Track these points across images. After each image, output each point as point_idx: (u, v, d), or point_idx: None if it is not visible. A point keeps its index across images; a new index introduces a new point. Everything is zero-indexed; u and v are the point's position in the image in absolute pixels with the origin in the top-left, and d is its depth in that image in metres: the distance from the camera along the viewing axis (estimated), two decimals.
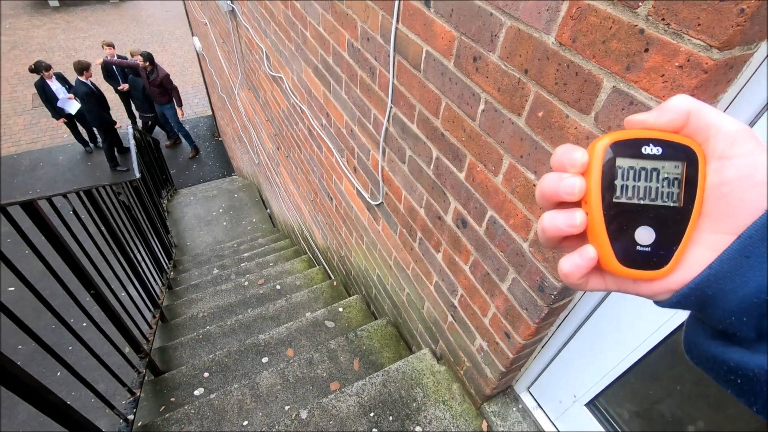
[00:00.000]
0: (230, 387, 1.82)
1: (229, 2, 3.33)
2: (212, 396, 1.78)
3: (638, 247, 0.30)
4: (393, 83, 1.37)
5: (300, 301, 2.62)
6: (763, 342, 0.26)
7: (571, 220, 0.30)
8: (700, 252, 0.29)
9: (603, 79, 0.71)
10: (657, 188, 0.30)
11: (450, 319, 1.50)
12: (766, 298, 0.25)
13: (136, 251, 2.57)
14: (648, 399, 1.20)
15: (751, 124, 0.68)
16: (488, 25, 0.91)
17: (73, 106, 6.08)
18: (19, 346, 4.15)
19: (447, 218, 1.32)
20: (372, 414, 1.55)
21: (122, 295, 2.08)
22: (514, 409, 1.48)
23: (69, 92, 6.08)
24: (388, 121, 1.48)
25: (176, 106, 6.57)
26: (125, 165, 6.72)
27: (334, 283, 2.79)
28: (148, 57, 5.90)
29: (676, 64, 0.60)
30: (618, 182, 0.30)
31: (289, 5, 2.06)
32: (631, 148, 0.30)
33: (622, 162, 0.30)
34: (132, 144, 4.05)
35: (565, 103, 0.79)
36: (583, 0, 0.70)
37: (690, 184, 0.29)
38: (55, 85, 5.95)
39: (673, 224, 0.29)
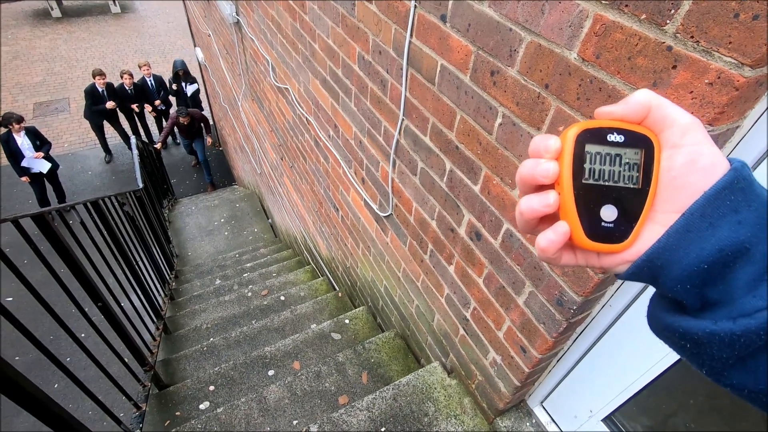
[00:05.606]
0: (237, 401, 1.79)
1: (234, 14, 3.36)
2: (219, 410, 1.76)
3: (603, 223, 0.33)
4: (405, 96, 1.37)
5: (305, 312, 2.60)
6: (707, 310, 0.30)
7: (546, 201, 0.34)
8: (654, 228, 0.33)
9: (628, 95, 0.71)
10: (619, 172, 0.33)
11: (462, 332, 1.49)
12: (705, 267, 0.29)
13: (139, 261, 2.55)
14: (661, 413, 1.19)
15: None
16: (507, 41, 0.92)
17: (42, 165, 5.34)
18: (16, 357, 4.09)
19: (460, 230, 1.31)
20: (383, 429, 1.52)
21: (125, 304, 2.05)
22: (528, 423, 1.46)
23: (40, 149, 5.36)
24: (399, 133, 1.48)
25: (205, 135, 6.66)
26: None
27: (339, 294, 2.77)
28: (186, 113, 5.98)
29: (706, 81, 0.60)
30: (587, 166, 0.33)
31: (298, 18, 2.08)
32: (597, 135, 0.33)
33: (590, 148, 0.33)
34: (135, 154, 4.05)
35: (588, 117, 0.79)
36: (607, 17, 0.70)
37: (647, 168, 0.32)
38: (21, 141, 5.16)
39: (632, 204, 0.33)
